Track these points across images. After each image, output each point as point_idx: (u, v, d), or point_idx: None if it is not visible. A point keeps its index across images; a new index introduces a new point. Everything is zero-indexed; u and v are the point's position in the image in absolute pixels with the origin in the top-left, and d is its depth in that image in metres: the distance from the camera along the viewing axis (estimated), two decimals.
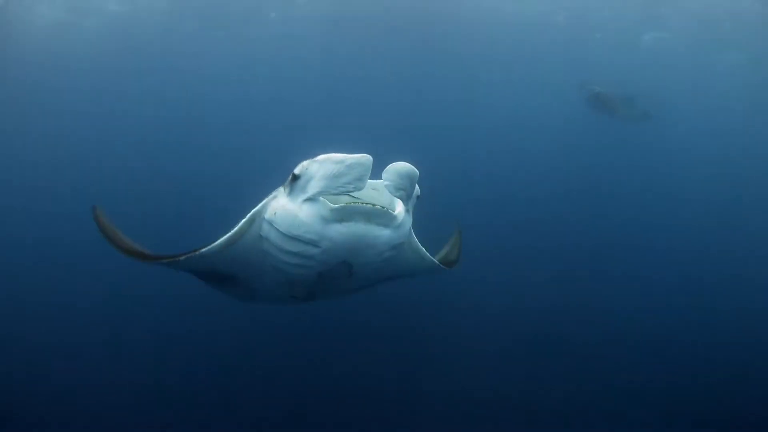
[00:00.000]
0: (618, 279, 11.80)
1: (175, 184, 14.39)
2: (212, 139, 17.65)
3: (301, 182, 2.59)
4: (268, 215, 2.75)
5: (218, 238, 2.89)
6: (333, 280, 2.91)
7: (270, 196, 2.83)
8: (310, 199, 2.54)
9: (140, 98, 18.87)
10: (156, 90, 19.32)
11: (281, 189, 2.78)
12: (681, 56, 18.45)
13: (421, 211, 3.03)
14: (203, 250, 2.88)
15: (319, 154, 2.58)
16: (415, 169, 2.55)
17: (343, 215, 2.48)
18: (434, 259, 3.30)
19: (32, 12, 16.03)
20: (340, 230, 2.50)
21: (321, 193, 2.50)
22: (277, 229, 2.69)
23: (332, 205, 2.48)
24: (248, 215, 2.85)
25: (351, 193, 2.55)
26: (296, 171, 2.63)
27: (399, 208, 2.61)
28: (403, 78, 19.80)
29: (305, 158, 2.65)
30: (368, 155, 2.45)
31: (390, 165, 2.54)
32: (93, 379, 7.17)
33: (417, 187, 2.74)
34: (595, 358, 8.78)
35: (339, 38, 18.49)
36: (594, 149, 19.41)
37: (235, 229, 2.86)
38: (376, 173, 2.57)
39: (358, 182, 2.46)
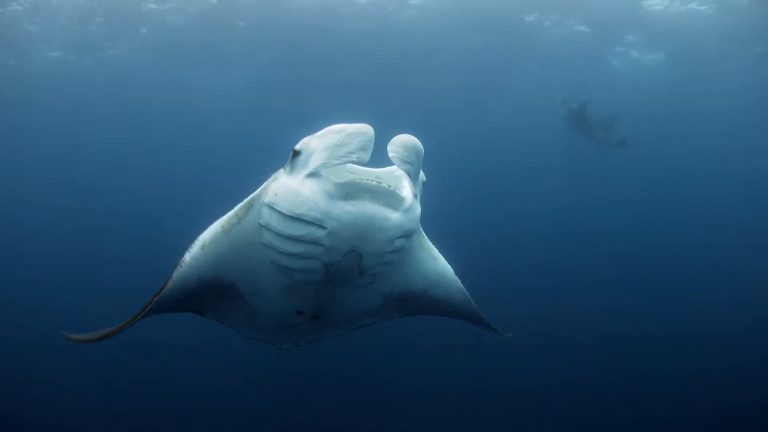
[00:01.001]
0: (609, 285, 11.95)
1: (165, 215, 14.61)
2: (199, 174, 17.81)
3: (302, 157, 2.49)
4: (268, 199, 2.58)
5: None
6: (343, 279, 2.70)
7: (270, 179, 2.67)
8: (312, 174, 2.43)
9: (134, 132, 19.11)
10: (148, 127, 19.62)
11: (281, 170, 2.65)
12: (653, 80, 18.85)
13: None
14: (203, 236, 2.70)
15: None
16: (421, 144, 2.46)
17: (348, 191, 2.36)
18: (448, 265, 3.10)
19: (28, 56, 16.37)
20: (348, 209, 2.36)
21: (324, 165, 2.39)
22: (279, 212, 2.51)
23: (336, 180, 2.38)
24: (245, 200, 2.68)
25: (355, 179, 2.43)
26: (297, 147, 2.53)
27: (406, 191, 2.48)
28: (383, 105, 20.13)
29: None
30: (369, 126, 2.38)
31: (395, 137, 2.45)
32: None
33: (423, 173, 2.62)
34: (592, 359, 8.90)
35: (324, 78, 18.95)
36: (575, 167, 19.66)
37: (230, 213, 2.69)
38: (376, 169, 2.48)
39: (362, 152, 2.35)
